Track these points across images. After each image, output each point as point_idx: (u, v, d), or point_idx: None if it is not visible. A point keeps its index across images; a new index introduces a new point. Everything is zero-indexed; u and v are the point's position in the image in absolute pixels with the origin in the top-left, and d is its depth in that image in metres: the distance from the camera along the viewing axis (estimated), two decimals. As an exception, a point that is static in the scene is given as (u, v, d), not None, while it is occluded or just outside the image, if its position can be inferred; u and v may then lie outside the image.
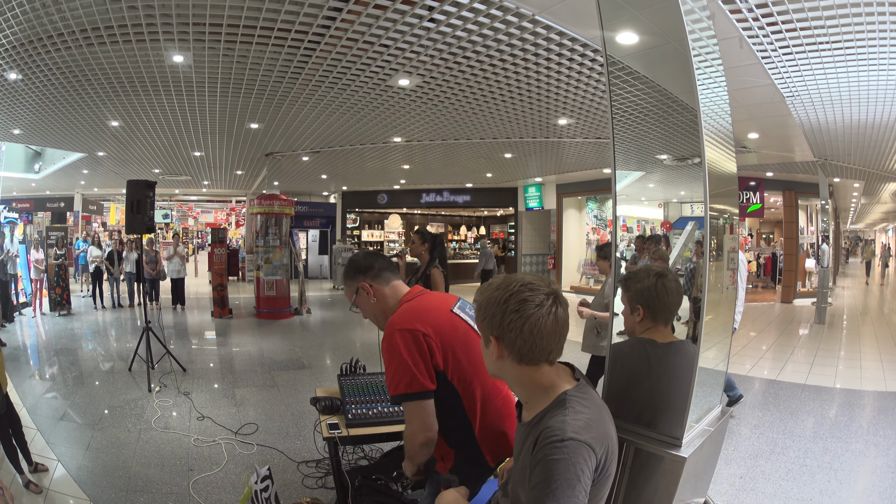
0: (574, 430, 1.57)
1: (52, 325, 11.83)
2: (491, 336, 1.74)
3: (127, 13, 5.48)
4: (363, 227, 27.33)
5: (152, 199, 7.87)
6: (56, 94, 8.32)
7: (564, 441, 1.54)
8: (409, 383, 2.34)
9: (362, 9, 5.41)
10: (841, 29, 5.51)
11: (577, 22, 5.68)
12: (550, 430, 1.59)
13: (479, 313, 1.78)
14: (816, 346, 10.41)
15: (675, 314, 2.47)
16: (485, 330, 1.78)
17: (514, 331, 1.68)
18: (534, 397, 1.78)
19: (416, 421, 2.36)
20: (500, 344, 1.72)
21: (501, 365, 1.77)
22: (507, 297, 1.70)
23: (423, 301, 2.62)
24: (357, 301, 2.71)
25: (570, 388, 1.74)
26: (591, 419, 1.66)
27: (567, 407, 1.66)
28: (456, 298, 2.74)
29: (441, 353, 2.40)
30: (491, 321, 1.73)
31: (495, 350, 1.74)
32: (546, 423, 1.64)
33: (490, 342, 1.76)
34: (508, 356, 1.73)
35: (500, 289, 1.74)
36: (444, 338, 2.43)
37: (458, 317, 2.60)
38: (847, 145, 11.14)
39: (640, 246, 7.45)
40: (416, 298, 2.63)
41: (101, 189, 23.73)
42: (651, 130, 2.97)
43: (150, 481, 4.55)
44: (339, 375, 4.14)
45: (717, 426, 2.46)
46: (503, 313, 1.69)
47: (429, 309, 2.55)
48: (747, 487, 4.56)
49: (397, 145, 12.75)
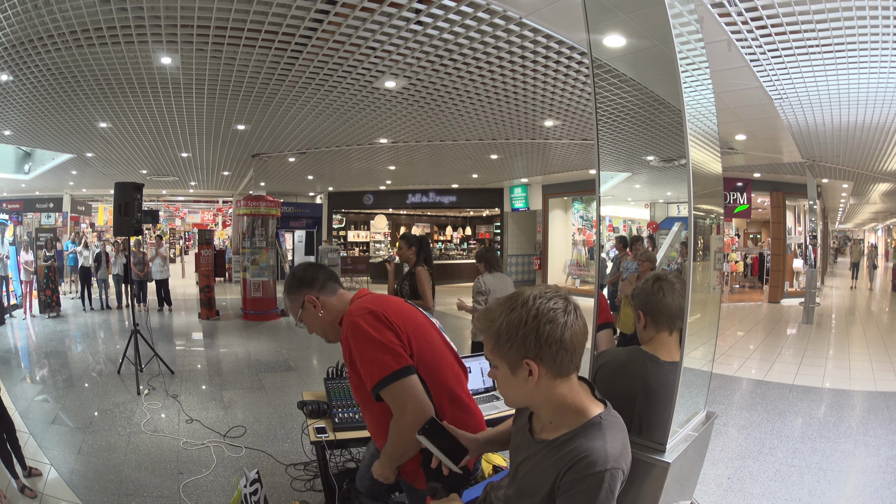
0: (614, 458, 1.58)
1: (42, 328, 11.75)
2: (525, 360, 1.63)
3: (116, 14, 5.45)
4: (349, 228, 27.35)
5: (140, 201, 7.84)
6: (46, 95, 8.27)
7: (608, 469, 1.54)
8: (391, 363, 2.19)
9: (349, 11, 5.40)
10: (830, 32, 5.54)
11: (564, 25, 5.69)
12: (591, 456, 1.57)
13: (501, 342, 1.65)
14: (804, 346, 10.46)
15: (676, 318, 2.32)
16: (513, 357, 1.64)
17: (555, 344, 1.61)
18: (561, 416, 1.73)
19: (412, 402, 2.16)
20: (539, 364, 1.62)
21: (535, 390, 1.67)
22: (533, 313, 1.61)
23: (377, 296, 2.52)
24: (303, 316, 2.57)
25: (603, 412, 1.72)
26: (624, 443, 1.67)
27: (605, 432, 1.65)
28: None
29: (405, 336, 2.29)
30: (523, 344, 1.62)
31: (531, 375, 1.64)
32: (584, 447, 1.61)
33: (520, 368, 1.65)
34: (546, 375, 1.65)
35: (518, 308, 1.64)
36: (405, 322, 2.35)
37: (415, 307, 2.57)
38: (836, 147, 11.20)
39: (620, 246, 7.47)
40: (368, 295, 2.52)
41: (89, 190, 23.59)
42: (637, 132, 2.98)
43: (140, 485, 4.53)
44: (325, 379, 4.14)
45: (702, 431, 2.46)
46: (536, 330, 1.60)
47: (385, 299, 2.48)
48: (735, 488, 4.57)
49: (383, 146, 12.75)
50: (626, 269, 6.90)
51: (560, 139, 11.52)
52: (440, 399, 2.31)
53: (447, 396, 2.34)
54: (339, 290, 2.60)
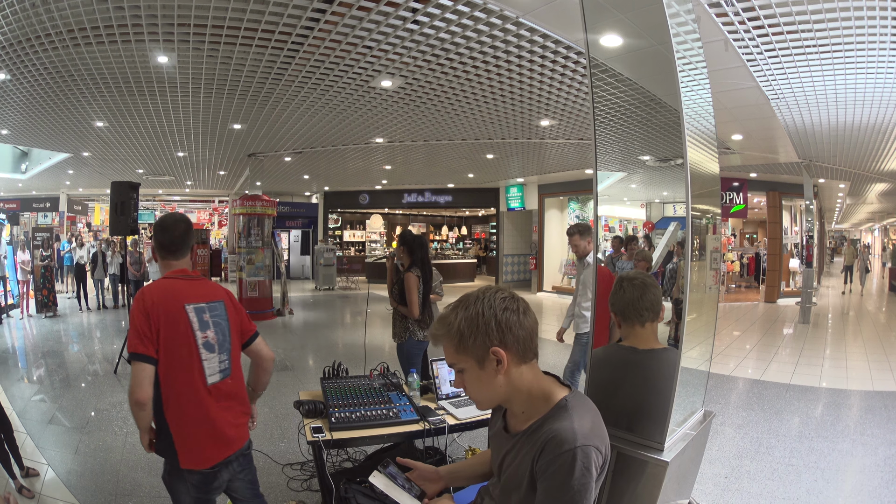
0: (583, 435, 1.61)
1: (39, 327, 11.74)
2: (492, 348, 1.69)
3: (113, 13, 5.44)
4: (345, 228, 27.38)
5: (136, 200, 7.83)
6: (43, 94, 8.25)
7: (578, 447, 1.58)
8: (136, 344, 2.52)
9: (346, 10, 5.39)
10: (827, 32, 5.54)
11: (562, 25, 5.69)
12: (560, 436, 1.61)
13: (465, 338, 1.71)
14: (801, 345, 10.47)
15: (640, 310, 2.44)
16: (480, 349, 1.70)
17: (515, 325, 1.69)
18: (531, 405, 1.78)
19: (134, 383, 2.48)
20: (505, 349, 1.69)
21: (505, 381, 1.74)
22: (486, 305, 1.70)
23: (169, 284, 2.74)
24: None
25: (569, 395, 1.77)
26: (594, 422, 1.71)
27: (571, 411, 1.70)
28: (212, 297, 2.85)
29: (155, 327, 2.57)
30: (486, 334, 1.69)
31: (500, 364, 1.70)
32: (552, 428, 1.65)
33: (488, 360, 1.70)
34: (512, 361, 1.71)
35: (471, 305, 1.73)
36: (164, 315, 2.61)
37: (186, 315, 2.69)
38: (832, 147, 11.21)
39: (617, 246, 7.46)
40: (171, 279, 2.76)
41: (85, 189, 23.53)
42: (634, 132, 2.97)
43: (137, 485, 4.53)
44: (321, 379, 4.13)
45: (700, 429, 2.47)
46: (495, 317, 1.68)
47: (168, 285, 2.73)
48: (732, 487, 4.57)
49: (379, 146, 12.74)
50: (620, 268, 6.90)
51: (556, 139, 11.52)
52: (168, 392, 2.61)
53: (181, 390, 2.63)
54: (174, 261, 2.84)
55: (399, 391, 3.99)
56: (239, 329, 2.92)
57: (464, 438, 5.30)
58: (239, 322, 2.92)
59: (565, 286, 18.68)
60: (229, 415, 2.78)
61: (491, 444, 2.02)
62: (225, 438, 2.75)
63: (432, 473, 2.15)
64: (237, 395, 2.86)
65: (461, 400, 3.94)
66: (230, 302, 2.93)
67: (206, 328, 2.73)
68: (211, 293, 2.85)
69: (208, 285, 2.91)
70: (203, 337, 2.71)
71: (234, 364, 2.85)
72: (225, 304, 2.88)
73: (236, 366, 2.86)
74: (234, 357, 2.85)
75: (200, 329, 2.71)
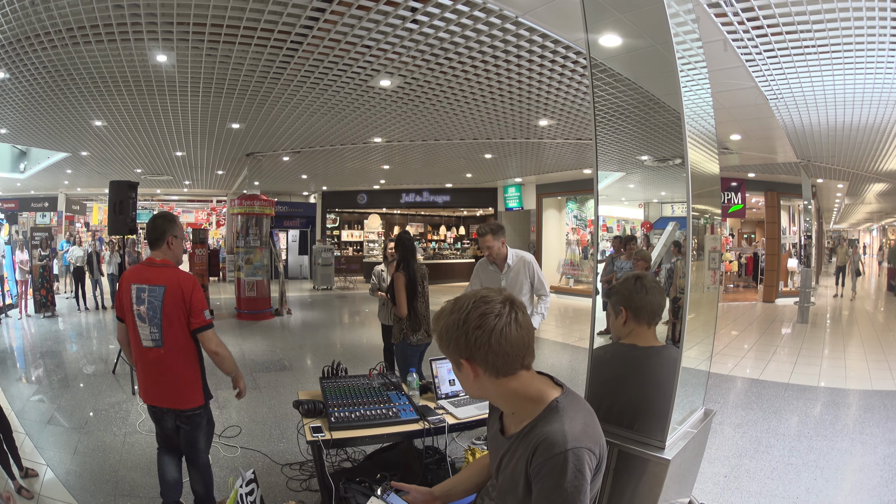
0: (574, 437, 1.61)
1: (37, 327, 11.71)
2: (461, 360, 1.72)
3: (112, 12, 5.43)
4: (343, 227, 27.32)
5: (135, 199, 7.82)
6: (41, 93, 8.24)
7: (569, 449, 1.58)
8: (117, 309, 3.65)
9: (345, 9, 5.39)
10: (826, 32, 5.55)
11: (561, 24, 5.69)
12: (551, 439, 1.61)
13: (442, 342, 1.76)
14: (799, 345, 10.48)
15: (656, 313, 2.47)
16: (453, 355, 1.75)
17: (483, 347, 1.67)
18: (521, 408, 1.78)
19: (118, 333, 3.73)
20: (473, 364, 1.70)
21: (480, 384, 1.75)
22: (464, 317, 1.69)
23: (133, 268, 3.64)
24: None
25: (559, 395, 1.76)
26: (586, 422, 1.71)
27: (562, 413, 1.69)
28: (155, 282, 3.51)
29: (119, 298, 3.59)
30: (457, 345, 1.71)
31: (470, 372, 1.72)
32: (543, 431, 1.65)
33: (462, 365, 1.73)
34: (484, 373, 1.72)
35: (455, 311, 1.72)
36: (122, 290, 3.55)
37: (129, 292, 3.51)
38: (831, 147, 11.22)
39: (618, 246, 7.47)
40: (137, 265, 3.65)
41: (84, 189, 23.50)
42: (632, 131, 2.97)
43: (136, 485, 4.52)
44: (321, 378, 4.13)
45: (701, 427, 2.47)
46: (466, 334, 1.68)
47: (127, 274, 3.61)
48: (732, 486, 4.58)
49: (378, 145, 12.74)
50: (619, 268, 6.90)
51: (554, 139, 11.53)
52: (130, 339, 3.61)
53: (133, 342, 3.57)
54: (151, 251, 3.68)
55: (398, 391, 3.99)
56: (180, 314, 3.50)
57: (463, 438, 5.30)
58: (181, 308, 3.50)
59: (564, 286, 18.70)
60: (156, 375, 3.55)
61: (489, 445, 2.03)
62: (150, 390, 3.61)
63: (427, 495, 2.17)
64: (167, 364, 3.52)
65: (461, 399, 3.94)
66: (175, 290, 3.50)
67: (141, 304, 3.48)
68: (156, 278, 3.51)
69: (158, 272, 3.54)
70: (137, 309, 3.49)
71: (167, 339, 3.49)
72: (166, 289, 3.48)
73: (169, 341, 3.50)
74: (167, 334, 3.49)
75: (136, 303, 3.48)
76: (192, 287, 3.56)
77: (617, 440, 2.23)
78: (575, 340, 11.16)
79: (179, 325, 3.50)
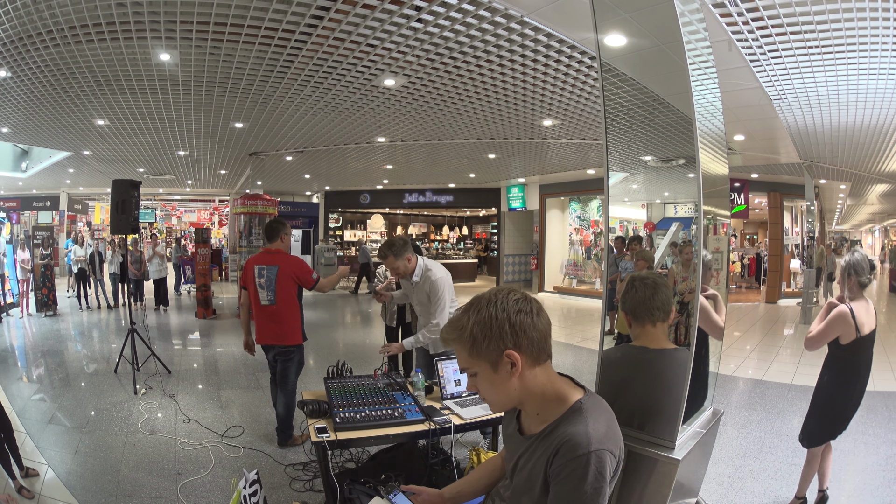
0: (598, 439, 1.61)
1: (38, 326, 11.71)
2: (506, 351, 1.67)
3: (115, 10, 5.42)
4: (346, 227, 27.36)
5: (137, 199, 7.81)
6: (43, 91, 8.22)
7: (592, 451, 1.58)
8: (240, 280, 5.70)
9: (350, 8, 5.38)
10: (831, 32, 5.52)
11: (567, 24, 5.67)
12: (574, 440, 1.61)
13: (478, 342, 1.69)
14: (802, 345, 10.42)
15: (653, 311, 2.43)
16: (493, 353, 1.69)
17: (529, 328, 1.67)
18: (546, 407, 1.77)
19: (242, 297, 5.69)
20: (519, 353, 1.68)
21: (519, 384, 1.72)
22: (501, 308, 1.68)
23: (255, 256, 5.52)
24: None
25: (583, 396, 1.76)
26: (609, 425, 1.71)
27: (586, 415, 1.69)
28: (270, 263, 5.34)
29: (244, 275, 5.53)
30: (500, 337, 1.67)
31: (514, 367, 1.69)
32: (567, 432, 1.65)
33: (501, 363, 1.69)
34: (526, 363, 1.70)
35: (485, 307, 1.70)
36: (246, 270, 5.47)
37: (253, 270, 5.36)
38: (834, 147, 11.20)
39: (619, 246, 7.46)
40: (257, 253, 5.55)
41: (86, 188, 23.51)
42: (637, 132, 2.96)
43: (138, 485, 4.51)
44: (325, 378, 4.13)
45: (709, 428, 2.46)
46: (509, 320, 1.66)
47: (251, 260, 5.47)
48: (736, 487, 4.57)
49: (381, 145, 12.72)
50: (623, 269, 6.89)
51: (558, 139, 11.50)
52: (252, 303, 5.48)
53: (254, 302, 5.41)
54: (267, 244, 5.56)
55: (404, 391, 3.98)
56: (289, 282, 5.31)
57: (467, 438, 5.29)
58: (293, 278, 5.34)
59: (566, 286, 18.68)
60: (271, 323, 5.31)
61: (505, 445, 2.01)
62: (266, 334, 5.34)
63: (436, 497, 2.17)
64: (278, 315, 5.29)
65: (466, 399, 3.94)
66: (285, 269, 5.30)
67: (261, 277, 5.29)
68: (271, 261, 5.33)
69: (272, 257, 5.36)
70: (258, 280, 5.29)
71: (280, 299, 5.26)
72: (279, 268, 5.27)
73: (281, 300, 5.26)
74: (279, 296, 5.26)
75: (258, 276, 5.30)
76: (297, 265, 5.41)
77: (627, 440, 2.21)
78: (578, 341, 11.14)
79: (287, 290, 5.28)
